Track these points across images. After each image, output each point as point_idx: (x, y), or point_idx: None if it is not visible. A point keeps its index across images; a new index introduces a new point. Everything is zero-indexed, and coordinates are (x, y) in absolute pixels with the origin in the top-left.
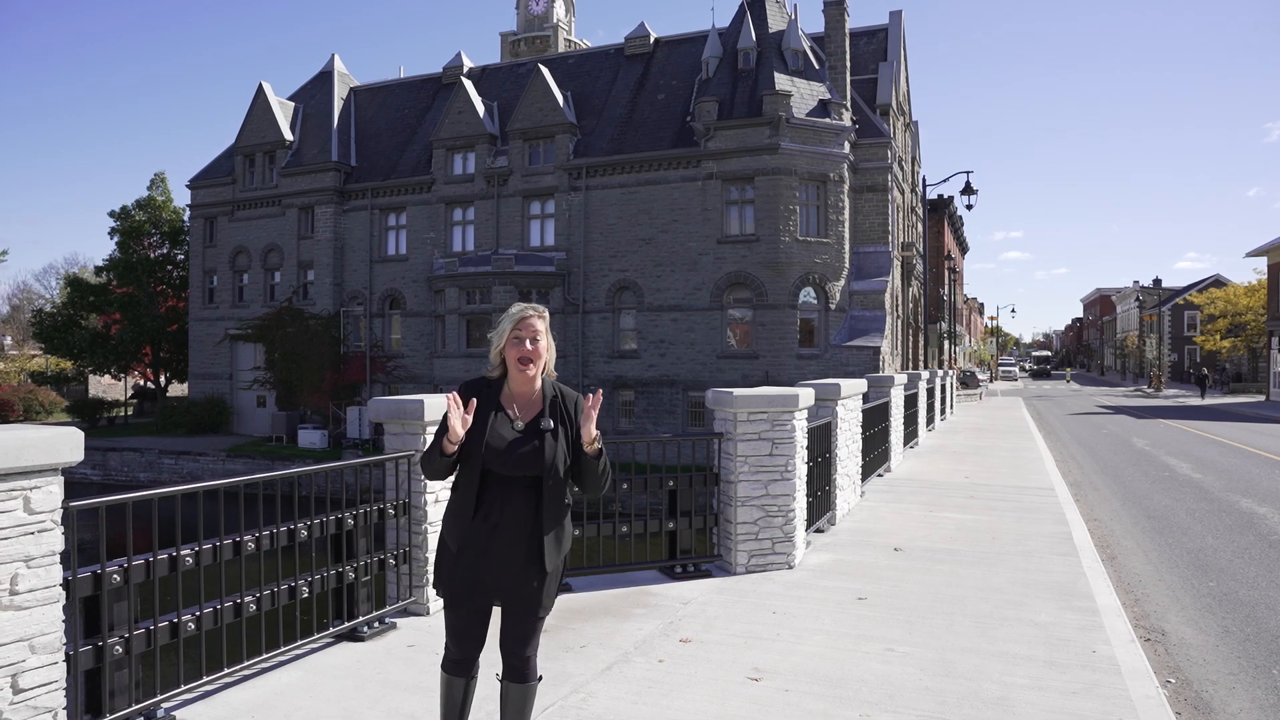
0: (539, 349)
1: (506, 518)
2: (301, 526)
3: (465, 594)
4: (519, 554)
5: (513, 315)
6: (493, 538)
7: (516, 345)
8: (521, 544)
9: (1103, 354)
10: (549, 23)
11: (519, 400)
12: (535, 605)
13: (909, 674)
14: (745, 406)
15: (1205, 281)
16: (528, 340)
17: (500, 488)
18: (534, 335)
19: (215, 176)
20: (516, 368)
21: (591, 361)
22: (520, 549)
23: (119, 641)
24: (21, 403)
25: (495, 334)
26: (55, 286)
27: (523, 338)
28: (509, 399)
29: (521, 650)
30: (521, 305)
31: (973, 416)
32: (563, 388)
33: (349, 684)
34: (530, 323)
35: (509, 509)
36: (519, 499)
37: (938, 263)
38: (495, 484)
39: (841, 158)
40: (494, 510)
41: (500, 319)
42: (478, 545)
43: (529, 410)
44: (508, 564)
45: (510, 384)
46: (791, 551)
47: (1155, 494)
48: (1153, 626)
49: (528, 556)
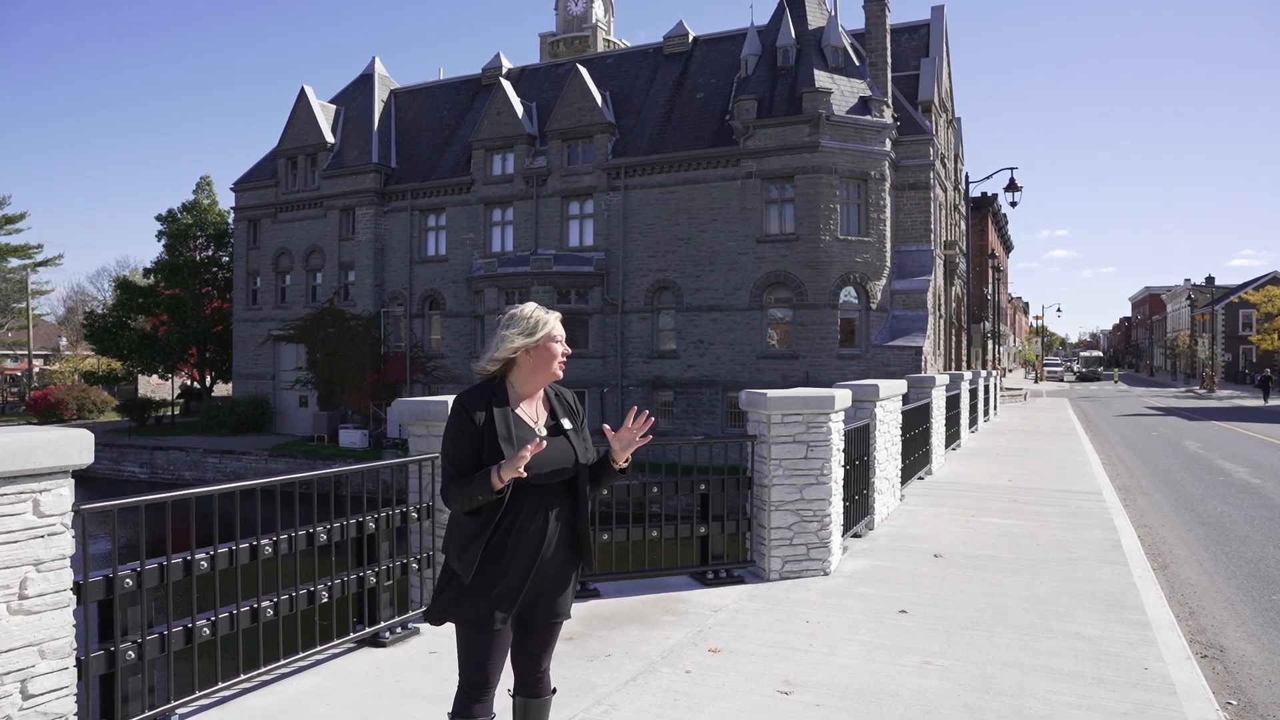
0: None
1: (554, 526)
2: (321, 530)
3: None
4: (565, 560)
5: (545, 319)
6: (547, 548)
7: (556, 346)
8: (564, 549)
9: (1152, 354)
10: (588, 23)
11: (526, 404)
12: (563, 610)
13: (947, 689)
14: (779, 408)
15: (1262, 279)
16: (563, 342)
17: (536, 496)
18: (563, 337)
19: (258, 179)
20: (552, 371)
21: (630, 362)
22: (564, 555)
23: (132, 647)
24: (75, 402)
25: (510, 333)
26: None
27: (559, 339)
28: (517, 403)
29: (542, 664)
30: (537, 307)
31: (1017, 418)
32: (556, 385)
33: (367, 691)
34: (560, 327)
35: (553, 516)
36: (559, 504)
37: (981, 261)
38: (531, 494)
39: (882, 155)
40: (541, 521)
41: (511, 319)
42: (525, 559)
43: (541, 412)
44: (556, 573)
45: (517, 387)
46: (827, 558)
47: (1210, 499)
48: (1210, 642)
49: (573, 561)
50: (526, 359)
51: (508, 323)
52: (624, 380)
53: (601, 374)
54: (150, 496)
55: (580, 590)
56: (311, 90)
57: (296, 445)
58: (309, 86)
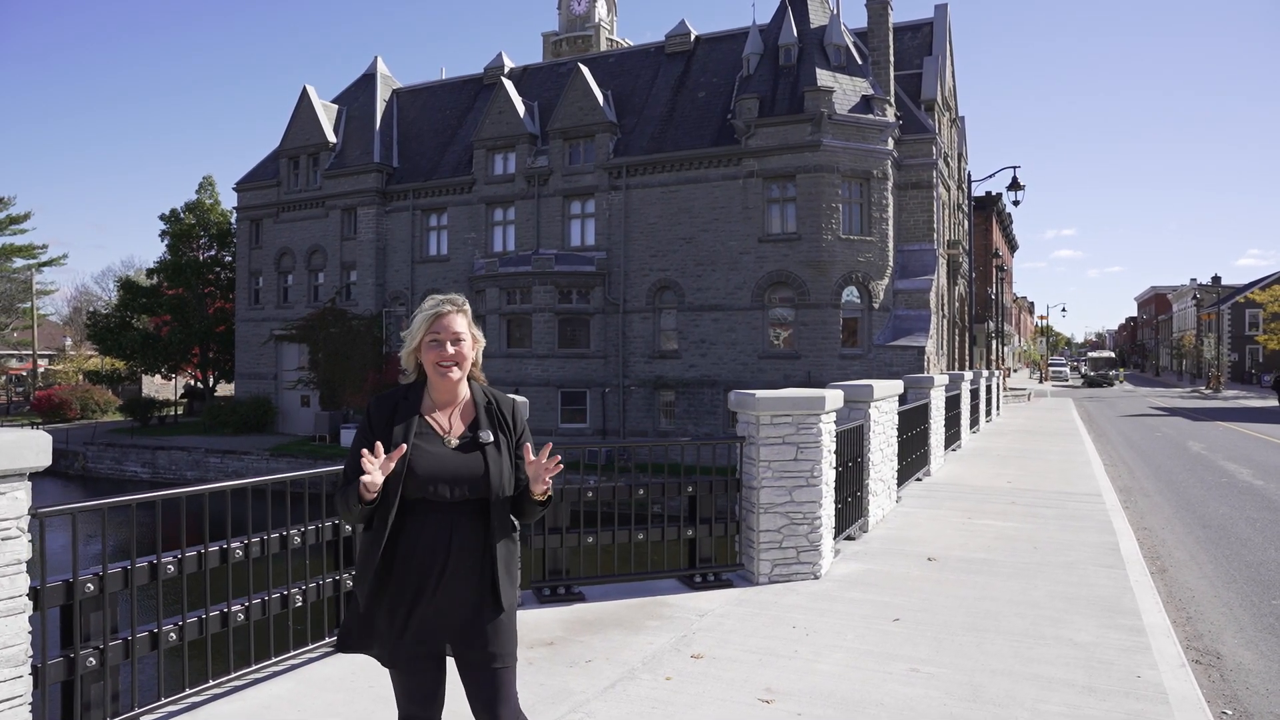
0: (461, 351)
1: (455, 551)
2: (295, 533)
3: (407, 645)
4: (469, 593)
5: (426, 313)
6: (439, 575)
7: (434, 348)
8: (473, 580)
9: (1158, 354)
10: (590, 22)
11: (443, 411)
12: (495, 653)
13: (933, 698)
14: (768, 409)
15: (1269, 278)
16: (448, 342)
17: (438, 516)
18: (454, 335)
19: (261, 179)
20: (436, 373)
21: (632, 362)
22: (470, 586)
23: (93, 653)
24: (79, 402)
25: (407, 333)
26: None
27: (441, 339)
28: (431, 410)
29: (496, 712)
30: (437, 299)
31: (1019, 418)
32: (495, 393)
33: (339, 697)
34: (447, 321)
35: (456, 540)
36: (464, 527)
37: (985, 261)
38: (431, 512)
39: (885, 154)
40: (438, 544)
41: (413, 316)
42: (413, 585)
43: (459, 422)
44: (456, 606)
45: (431, 393)
46: (817, 561)
47: (1211, 501)
48: (1206, 649)
49: (479, 595)
50: (427, 364)
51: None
52: (625, 380)
53: (603, 374)
54: (112, 499)
55: (565, 594)
56: (314, 90)
57: (298, 445)
58: (311, 86)
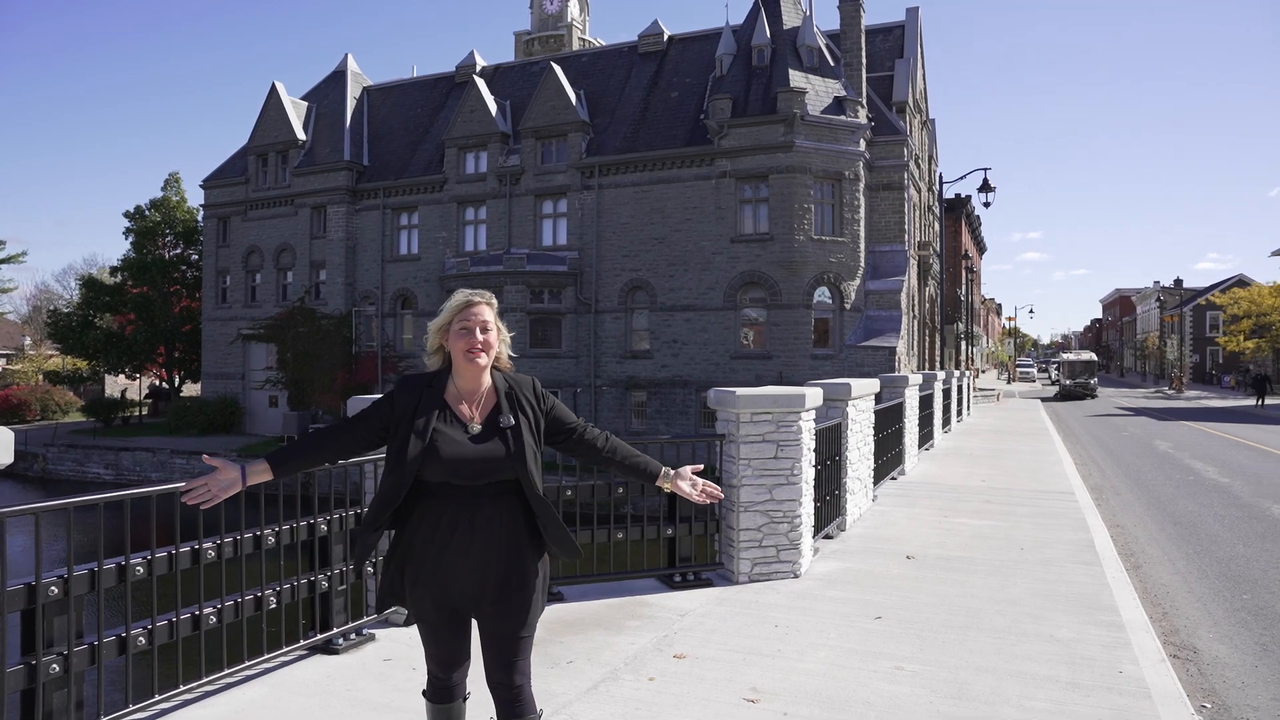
0: (489, 339)
1: (478, 531)
2: (269, 533)
3: (431, 600)
4: (495, 563)
5: (456, 303)
6: (464, 553)
7: (464, 336)
8: (499, 553)
9: (1122, 355)
10: (563, 22)
11: (468, 398)
12: (521, 625)
13: (919, 696)
14: (748, 407)
15: (1228, 281)
16: (476, 329)
17: (463, 499)
18: (483, 324)
19: (228, 176)
20: (464, 360)
21: (604, 362)
22: (497, 558)
23: (56, 659)
24: (38, 402)
25: (434, 323)
26: (74, 287)
27: (470, 326)
28: (456, 398)
29: (509, 678)
30: (467, 292)
31: (990, 418)
32: (515, 377)
33: (314, 702)
34: (477, 310)
35: (479, 520)
36: (486, 508)
37: (955, 263)
38: (455, 496)
39: (857, 155)
40: (461, 525)
41: (441, 308)
42: (433, 557)
43: (482, 410)
44: (483, 574)
45: (456, 380)
46: (797, 559)
47: (1180, 499)
48: (1183, 643)
49: (507, 564)
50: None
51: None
52: (597, 380)
53: (575, 374)
54: (77, 499)
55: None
56: (283, 86)
57: (266, 446)
58: (280, 83)
